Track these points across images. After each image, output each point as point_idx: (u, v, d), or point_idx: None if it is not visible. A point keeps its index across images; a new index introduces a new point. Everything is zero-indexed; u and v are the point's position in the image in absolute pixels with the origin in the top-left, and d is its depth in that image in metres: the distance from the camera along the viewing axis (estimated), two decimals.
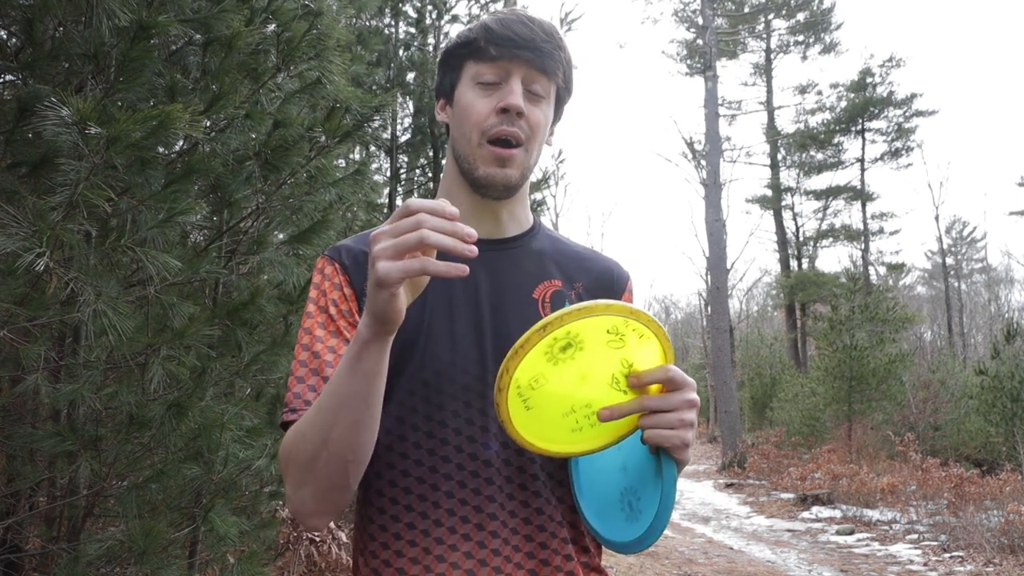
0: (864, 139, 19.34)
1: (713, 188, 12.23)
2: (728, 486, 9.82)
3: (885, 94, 18.80)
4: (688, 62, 17.21)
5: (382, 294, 0.55)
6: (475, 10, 5.53)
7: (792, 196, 20.33)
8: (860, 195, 19.36)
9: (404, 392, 0.71)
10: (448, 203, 0.55)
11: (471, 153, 0.74)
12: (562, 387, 0.59)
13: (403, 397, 0.71)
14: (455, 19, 5.33)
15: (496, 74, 0.73)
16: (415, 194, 5.55)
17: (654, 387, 0.61)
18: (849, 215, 20.20)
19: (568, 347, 0.57)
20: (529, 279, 0.77)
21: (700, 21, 14.08)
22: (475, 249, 0.55)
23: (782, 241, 20.28)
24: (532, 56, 0.72)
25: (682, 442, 0.61)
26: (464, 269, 0.55)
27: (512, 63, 0.72)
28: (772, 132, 19.64)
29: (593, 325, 0.57)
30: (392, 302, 0.56)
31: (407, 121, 5.39)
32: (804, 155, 19.93)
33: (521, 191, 0.79)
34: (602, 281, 0.82)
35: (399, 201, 5.26)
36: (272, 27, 1.91)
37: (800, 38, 19.10)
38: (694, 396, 0.62)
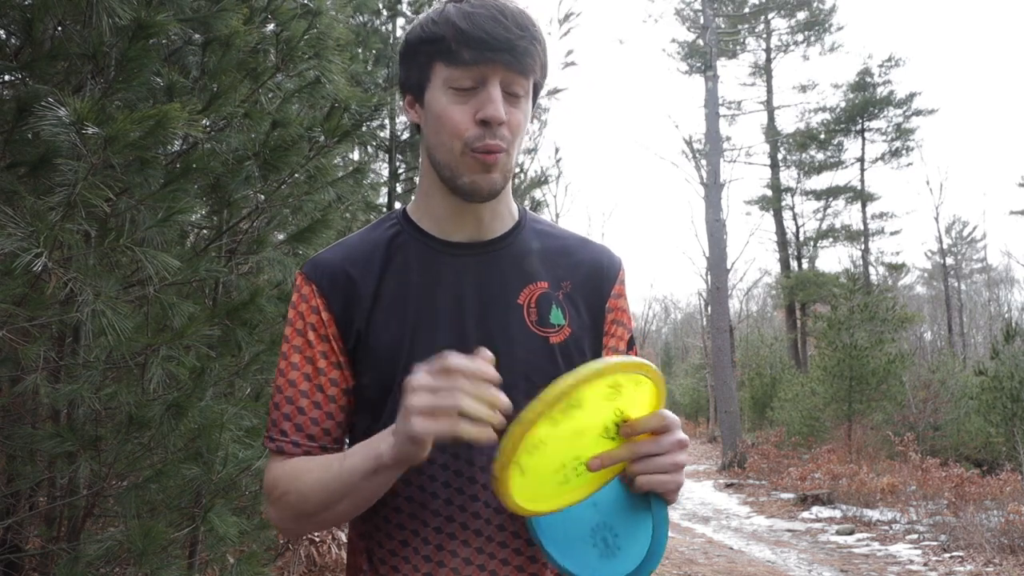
0: (864, 139, 19.32)
1: (713, 188, 12.20)
2: (728, 486, 9.80)
3: (885, 94, 18.77)
4: (688, 61, 17.18)
5: (413, 448, 0.57)
6: None
7: (792, 196, 20.30)
8: (860, 195, 19.32)
9: (388, 411, 0.70)
10: (487, 366, 0.55)
11: (453, 161, 0.69)
12: (558, 446, 0.58)
13: (385, 417, 0.70)
14: None
15: (472, 79, 0.67)
16: (414, 194, 5.51)
17: (654, 413, 0.61)
18: (849, 215, 20.19)
19: (570, 408, 0.57)
20: (514, 283, 0.74)
21: (701, 21, 14.05)
22: (503, 419, 0.55)
23: (782, 242, 20.25)
24: (510, 59, 0.66)
25: (676, 486, 0.62)
26: (493, 438, 0.55)
27: (488, 68, 0.66)
28: (772, 132, 19.60)
29: (598, 384, 0.57)
30: (421, 452, 0.58)
31: (406, 120, 5.37)
32: (804, 155, 19.90)
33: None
34: (591, 277, 0.78)
35: (397, 203, 5.23)
36: (271, 27, 1.90)
37: (800, 37, 19.07)
38: (684, 436, 0.62)
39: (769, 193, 20.05)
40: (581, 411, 0.57)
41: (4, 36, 1.86)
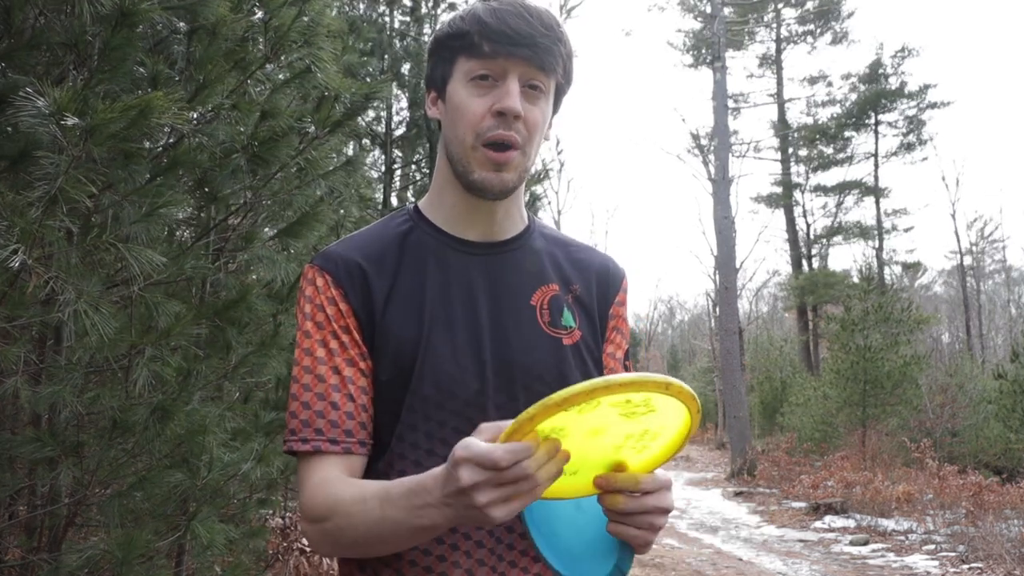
0: (877, 133, 18.93)
1: (722, 184, 11.98)
2: (737, 494, 9.62)
3: (897, 85, 18.34)
4: (693, 53, 16.95)
5: (493, 523, 0.56)
6: None
7: (802, 193, 19.98)
8: (874, 191, 18.94)
9: (404, 408, 0.70)
10: (520, 449, 0.54)
11: (465, 155, 0.71)
12: (575, 438, 0.58)
13: (404, 414, 0.70)
14: (452, 7, 5.24)
15: (491, 72, 0.69)
16: (410, 190, 5.45)
17: (637, 475, 0.61)
18: (860, 212, 19.79)
19: (592, 407, 0.55)
20: (527, 284, 0.76)
21: (708, 10, 13.85)
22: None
23: (793, 240, 19.95)
24: (530, 53, 0.68)
25: (646, 543, 0.63)
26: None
27: (509, 61, 0.69)
28: (783, 126, 19.25)
29: (629, 393, 0.56)
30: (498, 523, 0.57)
31: (402, 114, 5.32)
32: (814, 150, 19.57)
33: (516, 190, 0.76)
34: (598, 282, 0.81)
35: (393, 197, 5.16)
36: (260, 14, 1.85)
37: (810, 27, 18.72)
38: (669, 502, 0.62)
39: (778, 190, 19.74)
40: (603, 414, 0.57)
41: None
